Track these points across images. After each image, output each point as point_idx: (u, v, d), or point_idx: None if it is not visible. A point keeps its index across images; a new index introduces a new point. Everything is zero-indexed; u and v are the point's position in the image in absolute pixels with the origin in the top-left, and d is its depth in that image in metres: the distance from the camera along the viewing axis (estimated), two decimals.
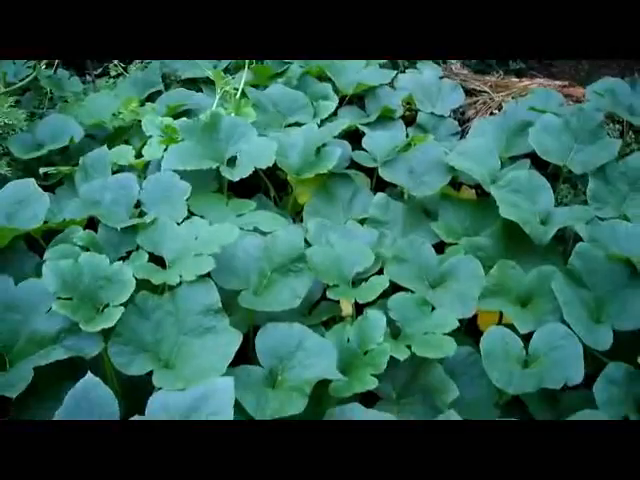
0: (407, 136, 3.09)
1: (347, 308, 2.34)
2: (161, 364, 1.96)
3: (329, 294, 2.23)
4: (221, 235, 2.18)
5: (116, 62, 3.71)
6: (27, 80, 3.05)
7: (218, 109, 2.84)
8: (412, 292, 2.28)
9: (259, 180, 2.77)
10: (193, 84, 3.41)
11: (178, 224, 2.28)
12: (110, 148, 2.72)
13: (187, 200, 2.42)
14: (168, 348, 2.00)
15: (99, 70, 3.92)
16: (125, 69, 3.73)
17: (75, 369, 1.91)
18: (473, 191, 2.90)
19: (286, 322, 2.09)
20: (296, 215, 2.78)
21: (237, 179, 2.55)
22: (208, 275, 2.08)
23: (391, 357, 2.01)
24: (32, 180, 2.36)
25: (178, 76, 3.48)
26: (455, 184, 2.89)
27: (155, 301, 2.03)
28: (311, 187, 2.74)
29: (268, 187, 2.80)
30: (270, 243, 2.30)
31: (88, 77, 3.82)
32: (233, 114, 2.85)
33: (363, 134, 2.98)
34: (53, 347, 1.95)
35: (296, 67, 3.36)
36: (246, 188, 2.73)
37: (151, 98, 3.30)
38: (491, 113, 3.44)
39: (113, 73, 3.74)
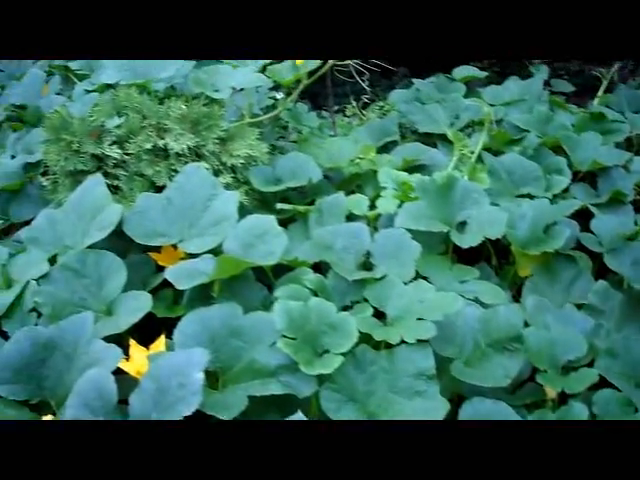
0: (635, 223, 3.02)
1: (551, 393, 2.31)
2: (366, 416, 2.01)
3: (538, 379, 2.22)
4: (445, 303, 2.21)
5: (354, 103, 3.82)
6: (273, 114, 3.16)
7: (454, 171, 2.87)
8: (619, 390, 2.23)
9: (482, 245, 2.77)
10: (428, 138, 3.47)
11: (405, 283, 2.32)
12: (345, 193, 2.80)
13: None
14: (376, 403, 2.04)
15: (335, 107, 4.05)
16: (361, 110, 3.84)
17: (282, 404, 2.01)
18: None
19: (492, 398, 2.09)
20: (513, 285, 2.77)
21: (466, 247, 2.57)
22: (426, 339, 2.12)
23: None
24: (273, 218, 2.46)
25: (414, 128, 3.54)
26: None
27: (373, 355, 2.09)
28: (534, 262, 2.71)
29: (491, 253, 2.80)
30: (490, 317, 2.31)
31: (324, 112, 3.96)
32: (466, 177, 2.87)
33: (592, 215, 2.94)
34: (270, 380, 2.03)
35: (533, 136, 3.35)
36: (469, 251, 2.72)
37: (386, 147, 3.37)
38: None
39: (349, 113, 3.85)
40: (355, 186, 3.06)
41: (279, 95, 3.61)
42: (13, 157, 3.39)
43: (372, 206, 2.75)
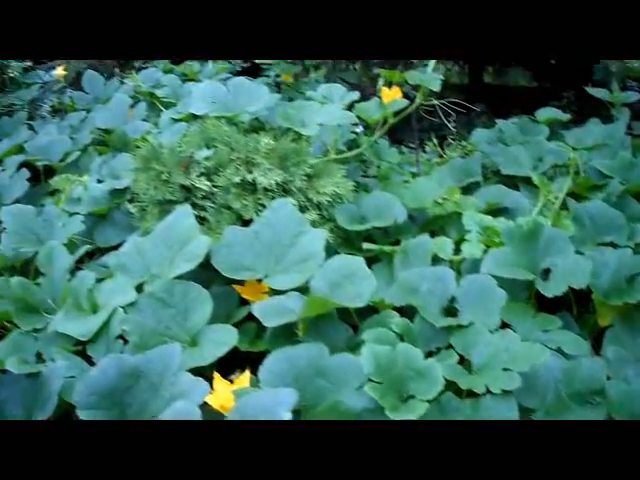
0: None
1: None
2: None
3: None
4: (532, 354, 2.20)
5: (435, 141, 3.84)
6: (358, 150, 3.19)
7: (539, 217, 2.86)
8: None
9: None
10: (510, 180, 3.46)
11: (490, 332, 2.32)
12: (429, 234, 2.81)
13: None
14: None
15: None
16: (442, 147, 3.85)
17: None
18: None
19: None
20: (592, 334, 2.74)
21: (551, 296, 2.55)
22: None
23: None
24: (361, 259, 2.47)
25: (497, 169, 3.54)
26: None
27: (457, 403, 2.10)
28: (614, 312, 2.68)
29: (572, 301, 2.78)
30: (573, 369, 2.29)
31: (404, 148, 3.98)
32: (549, 223, 2.86)
33: None
34: None
35: (616, 183, 3.32)
36: (550, 298, 2.70)
37: (469, 187, 3.38)
38: None
39: (428, 150, 3.88)
40: (438, 227, 3.06)
41: (359, 129, 3.65)
42: (99, 181, 3.47)
43: (456, 249, 2.75)
